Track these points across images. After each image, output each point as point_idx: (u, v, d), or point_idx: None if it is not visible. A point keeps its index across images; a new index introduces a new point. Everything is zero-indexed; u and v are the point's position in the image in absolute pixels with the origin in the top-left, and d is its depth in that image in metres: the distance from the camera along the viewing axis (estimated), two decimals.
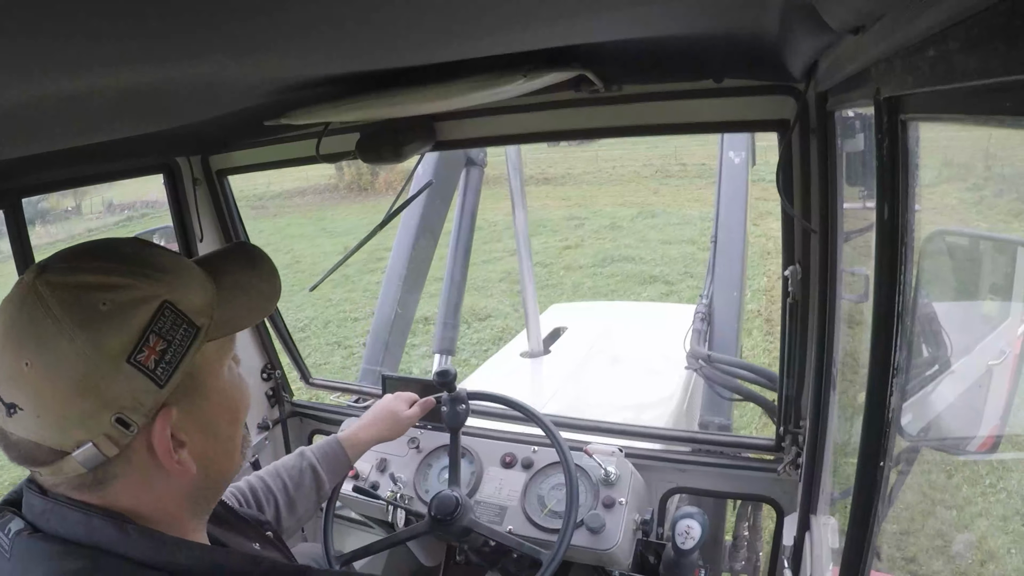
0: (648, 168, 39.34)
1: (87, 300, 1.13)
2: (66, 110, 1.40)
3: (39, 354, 1.11)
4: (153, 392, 1.17)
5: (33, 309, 1.12)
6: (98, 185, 3.76)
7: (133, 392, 1.15)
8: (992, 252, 3.12)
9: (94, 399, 1.13)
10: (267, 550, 1.67)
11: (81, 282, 1.14)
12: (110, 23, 0.76)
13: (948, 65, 0.77)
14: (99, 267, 1.17)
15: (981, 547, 4.80)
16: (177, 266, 1.26)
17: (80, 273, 1.15)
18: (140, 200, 35.10)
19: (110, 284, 1.15)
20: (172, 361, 1.19)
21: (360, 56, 1.43)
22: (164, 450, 1.21)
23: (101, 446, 1.15)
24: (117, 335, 1.13)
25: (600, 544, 2.82)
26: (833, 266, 2.23)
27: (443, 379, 2.95)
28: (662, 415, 4.75)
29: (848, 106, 1.80)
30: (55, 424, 1.13)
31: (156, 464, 1.23)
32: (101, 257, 1.20)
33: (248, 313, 1.39)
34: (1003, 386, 2.88)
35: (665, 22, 1.50)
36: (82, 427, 1.14)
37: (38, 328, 1.12)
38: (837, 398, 2.42)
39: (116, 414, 1.15)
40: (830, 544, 2.39)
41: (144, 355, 1.15)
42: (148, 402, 1.17)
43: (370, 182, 37.79)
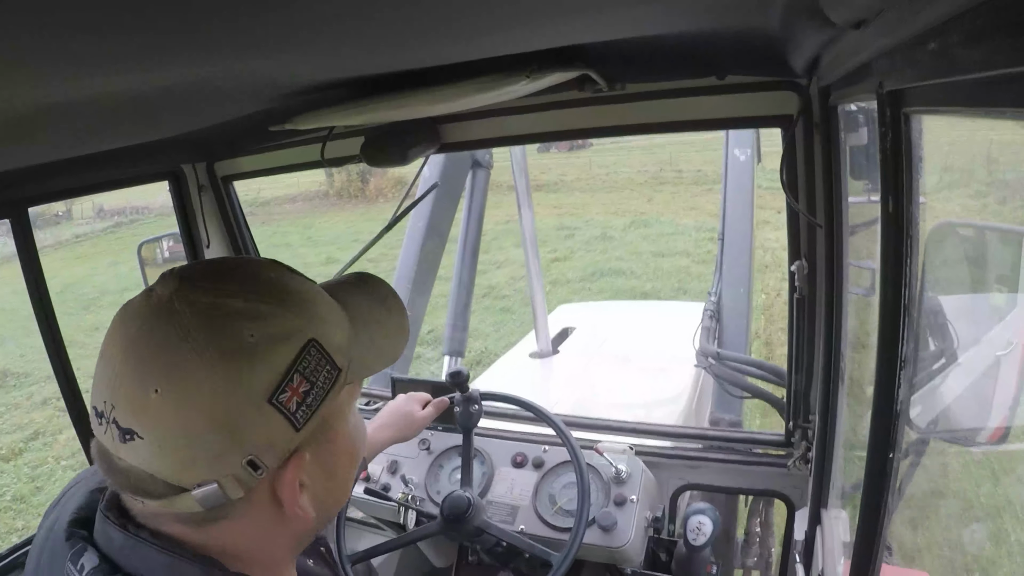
0: (643, 174, 38.51)
1: (232, 328, 1.03)
2: (71, 117, 1.40)
3: (172, 382, 1.00)
4: (289, 435, 1.07)
5: (168, 328, 1.02)
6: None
7: (270, 434, 1.06)
8: (998, 243, 3.11)
9: (228, 438, 1.03)
10: (319, 566, 1.63)
11: (226, 306, 1.04)
12: (114, 29, 0.77)
13: (950, 58, 0.78)
14: (243, 292, 1.07)
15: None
16: (317, 297, 1.16)
17: (224, 295, 1.05)
18: (129, 206, 35.19)
19: (257, 313, 1.05)
20: (313, 404, 1.09)
21: (364, 59, 1.44)
22: (290, 497, 1.12)
23: (226, 487, 1.05)
24: (262, 372, 1.03)
25: (612, 542, 2.83)
26: (839, 260, 2.23)
27: (456, 379, 2.95)
28: (672, 413, 4.76)
29: (851, 100, 1.80)
30: (178, 460, 1.03)
31: (276, 508, 1.14)
32: (241, 280, 1.10)
33: (381, 355, 1.28)
34: (1012, 377, 2.87)
35: (668, 20, 1.50)
36: (209, 466, 1.03)
37: (174, 353, 1.01)
38: (846, 392, 2.42)
39: (248, 456, 1.04)
40: (841, 538, 2.40)
41: (287, 396, 1.05)
42: (282, 446, 1.08)
43: (360, 189, 37.18)
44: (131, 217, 32.68)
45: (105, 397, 1.03)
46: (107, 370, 1.03)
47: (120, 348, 1.03)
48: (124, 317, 1.06)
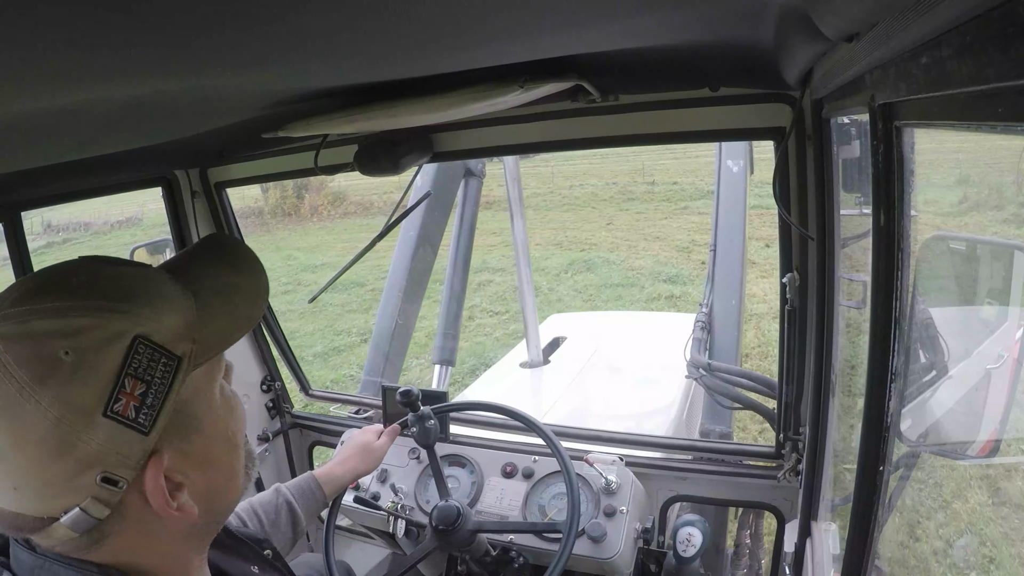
0: (609, 188, 35.52)
1: (46, 351, 0.98)
2: (65, 123, 1.40)
3: (3, 422, 0.97)
4: (138, 441, 1.03)
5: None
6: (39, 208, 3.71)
7: (115, 446, 1.01)
8: (989, 256, 3.12)
9: (73, 463, 0.99)
10: (265, 572, 1.60)
11: (36, 330, 0.99)
12: (109, 36, 0.77)
13: (942, 72, 0.78)
14: (53, 308, 1.01)
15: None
16: (145, 286, 1.10)
17: (33, 319, 1.00)
18: (75, 221, 34.71)
19: (69, 328, 0.99)
20: (154, 404, 1.04)
21: (358, 68, 1.44)
22: (160, 501, 1.08)
23: (89, 510, 1.02)
24: (86, 387, 0.99)
25: (601, 553, 2.83)
26: (831, 273, 2.24)
27: (407, 400, 2.94)
28: (662, 424, 4.75)
29: (843, 113, 1.80)
30: (35, 495, 1.01)
31: (153, 514, 1.10)
32: (53, 292, 1.03)
33: (235, 324, 1.21)
34: (1002, 390, 2.88)
35: (661, 32, 1.50)
36: (65, 494, 1.01)
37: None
38: (836, 404, 2.42)
39: (101, 473, 1.01)
40: (831, 550, 2.40)
41: (121, 404, 1.01)
42: (135, 453, 1.04)
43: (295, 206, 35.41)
44: (72, 234, 32.23)
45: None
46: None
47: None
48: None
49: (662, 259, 21.63)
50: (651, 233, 25.55)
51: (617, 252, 23.47)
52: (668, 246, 23.20)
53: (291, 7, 0.81)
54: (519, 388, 5.80)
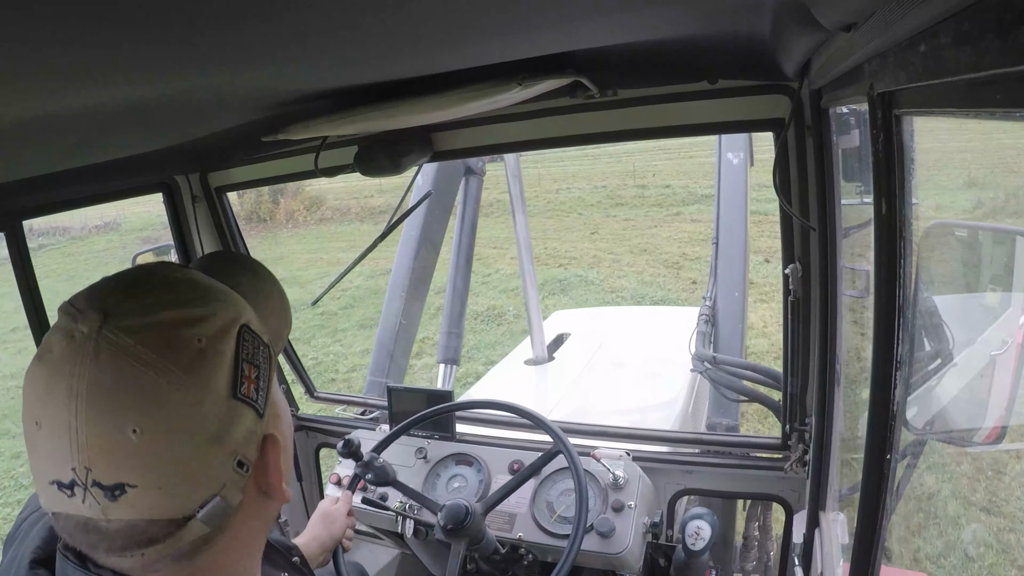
0: (598, 192, 34.33)
1: (181, 340, 0.99)
2: (66, 130, 1.40)
3: (149, 415, 0.94)
4: (258, 422, 1.07)
5: (117, 363, 0.95)
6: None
7: (245, 429, 1.04)
8: (991, 243, 3.12)
9: (218, 448, 1.01)
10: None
11: (165, 320, 0.99)
12: (108, 41, 0.77)
13: (940, 60, 0.78)
14: (171, 300, 1.03)
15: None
16: (222, 286, 1.13)
17: (157, 310, 1.00)
18: (55, 226, 34.18)
19: (195, 317, 1.02)
20: (263, 387, 1.09)
21: (356, 69, 1.44)
22: (276, 481, 1.12)
23: (228, 496, 1.03)
24: (221, 371, 1.01)
25: (610, 548, 2.83)
26: (833, 263, 2.24)
27: (347, 450, 2.93)
28: (668, 417, 4.75)
29: (842, 103, 1.80)
30: (181, 489, 0.99)
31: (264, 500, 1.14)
32: (161, 288, 1.05)
33: (282, 324, 1.30)
34: (1007, 376, 2.88)
35: (659, 26, 1.50)
36: (208, 483, 1.01)
37: (136, 385, 0.95)
38: (841, 394, 2.42)
39: (236, 457, 1.03)
40: (840, 540, 2.40)
41: (246, 386, 1.04)
42: (256, 435, 1.07)
43: (270, 212, 34.91)
44: (41, 242, 31.73)
45: (72, 464, 0.95)
46: (57, 436, 0.95)
47: (66, 403, 0.94)
48: (48, 368, 0.98)
49: (647, 277, 20.71)
50: (638, 244, 24.50)
51: (598, 268, 22.38)
52: (655, 260, 22.37)
53: (289, 8, 0.81)
54: (524, 385, 5.80)
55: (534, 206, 31.33)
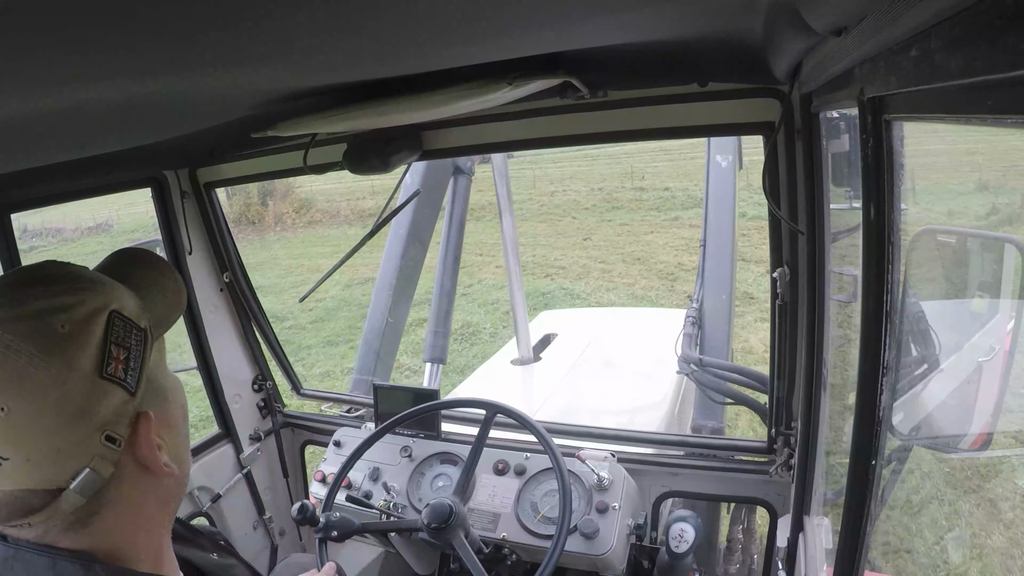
0: (595, 195, 33.25)
1: (45, 326, 1.08)
2: (55, 125, 1.40)
3: (15, 394, 1.04)
4: (128, 401, 1.15)
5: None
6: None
7: (113, 406, 1.12)
8: (979, 249, 3.13)
9: (84, 422, 1.09)
10: (223, 557, 1.64)
11: (32, 310, 1.09)
12: (98, 38, 0.76)
13: (931, 65, 0.78)
14: (42, 291, 1.12)
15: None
16: (100, 277, 1.22)
17: (27, 302, 1.09)
18: (48, 227, 33.88)
19: (61, 305, 1.11)
20: (135, 367, 1.17)
21: (347, 67, 1.43)
22: (152, 456, 1.19)
23: (98, 468, 1.11)
24: (85, 352, 1.10)
25: (594, 549, 2.83)
26: (821, 267, 2.24)
27: (303, 516, 2.88)
28: (654, 419, 4.75)
29: (832, 107, 1.80)
30: (50, 461, 1.08)
31: (145, 474, 1.20)
32: (36, 281, 1.14)
33: (169, 312, 1.36)
34: (993, 383, 2.88)
35: (650, 28, 1.50)
36: (77, 455, 1.09)
37: (4, 368, 1.04)
38: (828, 399, 2.42)
39: (104, 431, 1.11)
40: (824, 545, 2.40)
41: (112, 366, 1.13)
42: (127, 412, 1.15)
43: (259, 215, 33.87)
44: (32, 244, 31.09)
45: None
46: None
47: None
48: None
49: (638, 291, 19.96)
50: (632, 252, 23.83)
51: (586, 280, 21.69)
52: (649, 271, 21.73)
53: (279, 6, 0.80)
54: (510, 385, 5.80)
55: (527, 209, 31.49)
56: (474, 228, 18.68)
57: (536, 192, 34.60)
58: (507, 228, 5.96)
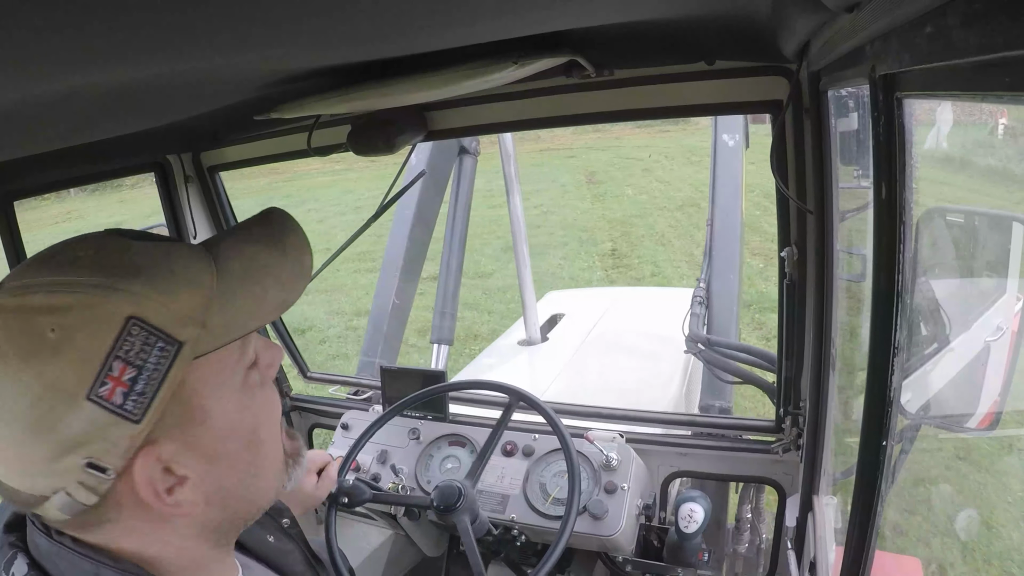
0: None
1: (33, 327, 0.94)
2: (56, 110, 1.38)
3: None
4: (127, 429, 0.98)
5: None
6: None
7: (100, 432, 0.96)
8: (988, 228, 3.12)
9: (53, 444, 0.95)
10: (281, 542, 1.58)
11: (28, 304, 0.96)
12: (96, 24, 0.75)
13: (947, 41, 0.76)
14: (48, 283, 0.97)
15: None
16: (155, 262, 1.03)
17: (29, 293, 0.97)
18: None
19: (58, 305, 0.96)
20: (146, 391, 0.98)
21: (350, 47, 1.42)
22: (149, 493, 1.03)
23: (75, 495, 0.98)
24: (70, 366, 0.94)
25: (603, 530, 2.83)
26: (830, 246, 2.23)
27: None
28: (662, 399, 4.75)
29: (842, 85, 1.79)
30: (18, 472, 0.98)
31: (148, 511, 1.06)
32: (54, 266, 1.00)
33: (260, 309, 1.13)
34: (1001, 363, 2.88)
35: (656, 5, 1.49)
36: (48, 475, 0.97)
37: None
38: (836, 378, 2.42)
39: (85, 459, 0.96)
40: (833, 524, 2.40)
41: (107, 388, 0.95)
42: (123, 441, 0.98)
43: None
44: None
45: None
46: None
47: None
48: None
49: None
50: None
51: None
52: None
53: None
54: (518, 366, 5.80)
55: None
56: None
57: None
58: (515, 208, 5.96)
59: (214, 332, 1.05)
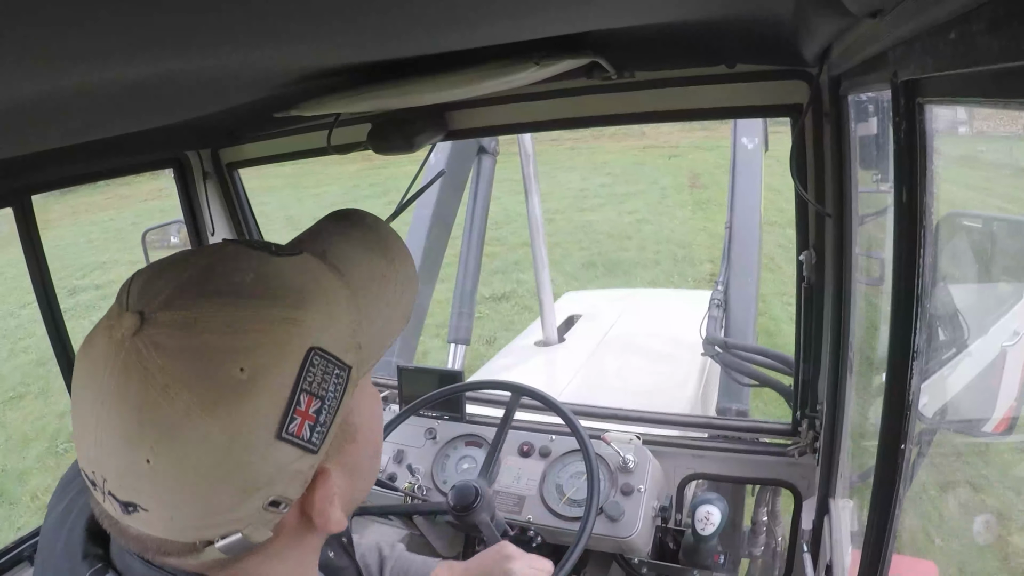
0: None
1: (217, 369, 0.85)
2: (75, 105, 1.39)
3: (163, 446, 0.83)
4: (308, 460, 0.93)
5: (141, 381, 0.84)
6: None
7: (287, 469, 0.91)
8: (1006, 233, 3.12)
9: (241, 490, 0.88)
10: (339, 557, 1.58)
11: (206, 344, 0.85)
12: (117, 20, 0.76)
13: (971, 47, 0.76)
14: (224, 316, 0.87)
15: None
16: (312, 284, 0.96)
17: (200, 328, 0.86)
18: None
19: (245, 343, 0.87)
20: (327, 421, 0.93)
21: (371, 46, 1.43)
22: (324, 518, 1.00)
23: (251, 535, 0.92)
24: (263, 408, 0.87)
25: (619, 532, 2.83)
26: (848, 250, 2.23)
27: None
28: (678, 401, 4.75)
29: (862, 90, 1.79)
30: (193, 524, 0.89)
31: (310, 531, 1.04)
32: (219, 293, 0.89)
33: (393, 323, 1.07)
34: (1018, 368, 2.88)
35: (678, 7, 1.49)
36: (228, 521, 0.90)
37: (155, 411, 0.83)
38: (854, 382, 2.42)
39: (269, 498, 0.90)
40: (849, 528, 2.40)
41: (296, 424, 0.89)
42: (303, 473, 0.93)
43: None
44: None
45: (93, 467, 0.89)
46: (86, 432, 0.88)
47: (92, 404, 0.86)
48: (89, 360, 0.89)
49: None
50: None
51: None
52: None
53: None
54: (535, 367, 5.80)
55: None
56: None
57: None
58: (533, 208, 5.96)
59: (367, 351, 1.02)
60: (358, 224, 1.14)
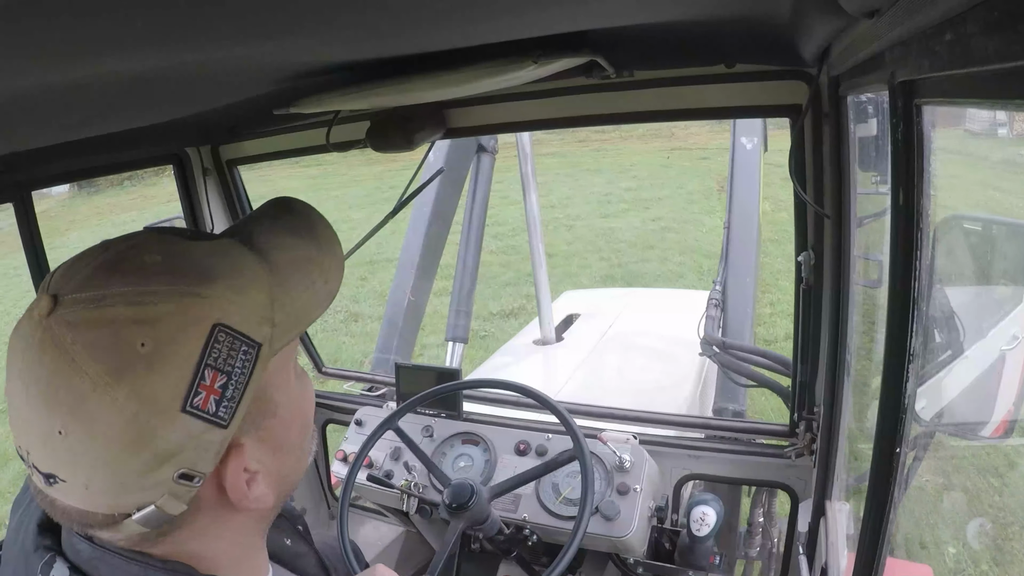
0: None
1: (121, 341, 0.89)
2: (74, 100, 1.38)
3: (73, 418, 0.88)
4: (218, 434, 0.95)
5: (54, 357, 0.89)
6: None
7: (194, 441, 0.93)
8: (1005, 237, 3.11)
9: (149, 460, 0.91)
10: (296, 545, 1.55)
11: (110, 317, 0.90)
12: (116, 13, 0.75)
13: (967, 48, 0.76)
14: (129, 292, 0.91)
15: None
16: (223, 263, 1.00)
17: (107, 303, 0.90)
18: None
19: (147, 316, 0.90)
20: (234, 396, 0.96)
21: (370, 43, 1.42)
22: (239, 495, 1.03)
23: (165, 507, 0.95)
24: (165, 380, 0.90)
25: (615, 531, 2.83)
26: (847, 252, 2.23)
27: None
28: (675, 401, 4.75)
29: (861, 91, 1.79)
30: (107, 493, 0.93)
31: (227, 506, 1.05)
32: (125, 274, 0.93)
33: (315, 301, 1.10)
34: (1016, 372, 2.88)
35: (677, 6, 1.49)
36: (139, 491, 0.93)
37: (65, 385, 0.88)
38: (851, 384, 2.41)
39: (178, 470, 0.94)
40: (845, 530, 2.39)
41: (201, 398, 0.92)
42: (213, 447, 0.96)
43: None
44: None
45: (20, 441, 0.95)
46: (14, 409, 0.94)
47: (16, 382, 0.93)
48: (15, 342, 0.95)
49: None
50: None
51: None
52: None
53: None
54: (532, 365, 5.80)
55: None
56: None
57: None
58: (531, 207, 5.96)
59: (282, 329, 1.04)
60: (288, 210, 1.19)
